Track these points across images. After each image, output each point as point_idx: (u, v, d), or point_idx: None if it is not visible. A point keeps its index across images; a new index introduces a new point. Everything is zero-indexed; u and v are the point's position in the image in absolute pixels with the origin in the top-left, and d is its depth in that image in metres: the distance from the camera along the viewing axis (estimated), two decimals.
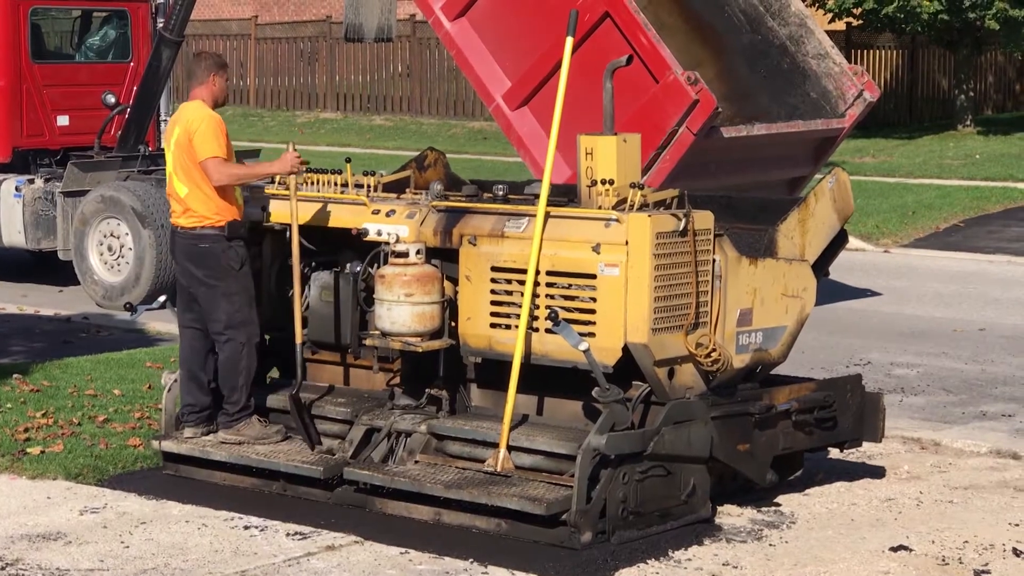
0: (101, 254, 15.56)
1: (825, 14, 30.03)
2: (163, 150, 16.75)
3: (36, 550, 7.96)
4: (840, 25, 31.79)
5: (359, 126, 34.85)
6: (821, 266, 9.16)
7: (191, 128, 9.23)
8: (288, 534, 8.23)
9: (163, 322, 13.78)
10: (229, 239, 9.23)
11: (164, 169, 16.03)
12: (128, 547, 8.02)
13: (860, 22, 30.81)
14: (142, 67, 16.57)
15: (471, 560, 7.82)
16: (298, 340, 9.25)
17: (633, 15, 13.65)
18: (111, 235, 15.48)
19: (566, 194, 8.86)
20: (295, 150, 9.22)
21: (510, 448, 8.48)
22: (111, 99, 16.74)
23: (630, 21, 13.65)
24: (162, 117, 17.39)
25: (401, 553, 7.93)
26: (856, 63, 26.55)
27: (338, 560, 7.84)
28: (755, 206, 9.47)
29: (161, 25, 16.14)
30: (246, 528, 8.34)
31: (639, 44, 13.54)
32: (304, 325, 9.31)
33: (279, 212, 9.46)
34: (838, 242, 9.20)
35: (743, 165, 14.35)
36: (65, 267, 16.14)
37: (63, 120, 16.94)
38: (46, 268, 16.92)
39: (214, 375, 9.36)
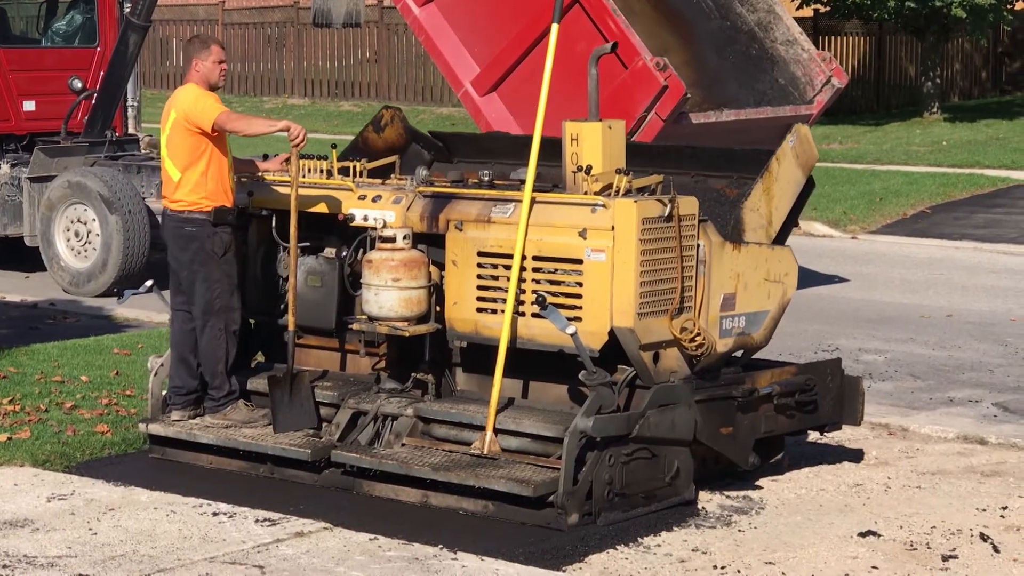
0: (68, 240, 15.48)
1: (793, 1, 30.07)
2: (130, 136, 16.91)
3: (3, 537, 7.91)
4: (808, 12, 31.86)
5: (326, 112, 34.77)
6: (791, 219, 9.18)
7: (186, 108, 9.22)
8: (257, 520, 8.21)
9: (132, 308, 13.73)
10: (215, 225, 9.23)
11: (131, 154, 16.23)
12: (96, 534, 7.99)
13: (828, 8, 30.88)
14: (109, 52, 16.50)
15: (440, 546, 7.81)
16: (291, 327, 9.25)
17: (602, 0, 13.64)
18: (78, 221, 15.41)
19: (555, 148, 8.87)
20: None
21: (497, 431, 8.52)
22: (78, 84, 16.65)
23: (599, 7, 13.66)
24: (129, 102, 17.33)
25: (370, 539, 7.92)
26: (824, 50, 26.59)
27: (307, 546, 7.82)
28: (720, 156, 9.53)
29: (128, 10, 16.08)
30: (215, 514, 8.31)
31: (608, 30, 13.55)
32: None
33: (263, 197, 9.48)
34: (805, 191, 9.23)
35: None
36: (32, 253, 16.06)
37: (29, 105, 16.84)
38: (12, 254, 16.83)
39: None
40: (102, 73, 16.47)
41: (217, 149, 9.22)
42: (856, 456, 9.78)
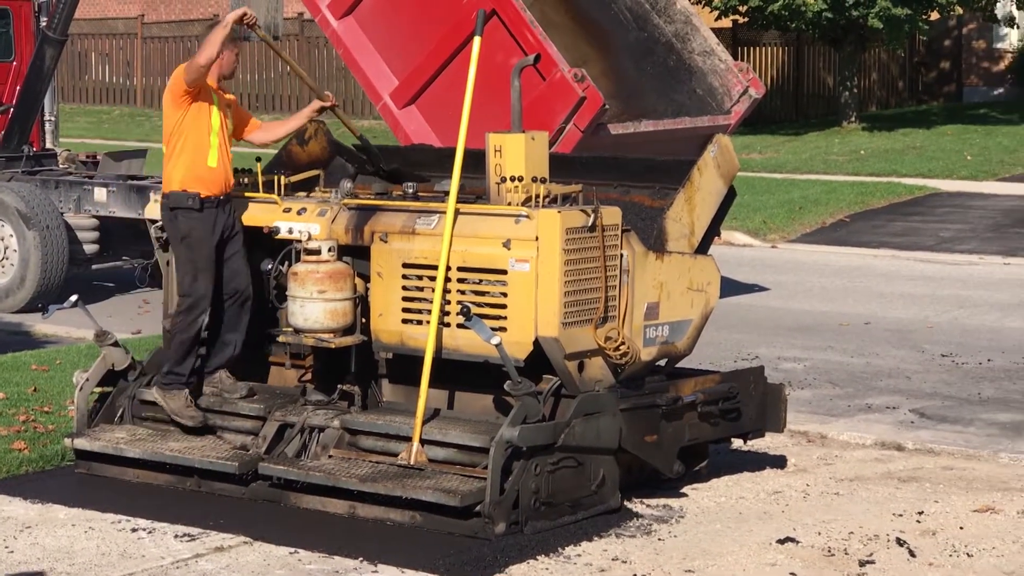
0: None
1: (711, 12, 30.27)
2: (48, 150, 16.78)
3: None
4: (726, 23, 32.06)
5: None
6: (713, 229, 9.25)
7: (170, 80, 9.30)
8: (176, 536, 8.18)
9: (51, 324, 13.62)
10: (172, 208, 9.18)
11: (48, 169, 16.11)
12: (12, 552, 7.92)
13: (746, 20, 31.08)
14: (25, 66, 16.36)
15: (361, 559, 7.80)
16: None
17: (520, 12, 13.69)
18: None
19: (476, 160, 8.90)
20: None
21: (423, 442, 8.54)
22: None
23: (517, 19, 13.69)
24: (46, 117, 17.19)
25: (290, 553, 7.90)
26: (743, 60, 26.78)
27: (227, 561, 7.79)
28: (643, 166, 9.59)
29: (44, 24, 15.95)
30: (134, 530, 8.27)
31: (526, 42, 13.59)
32: None
33: None
34: (726, 201, 9.31)
35: None
36: None
37: None
38: None
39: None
40: (18, 87, 16.33)
41: (194, 131, 9.16)
42: (775, 463, 9.84)
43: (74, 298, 9.69)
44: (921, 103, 35.66)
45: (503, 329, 8.39)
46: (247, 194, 9.44)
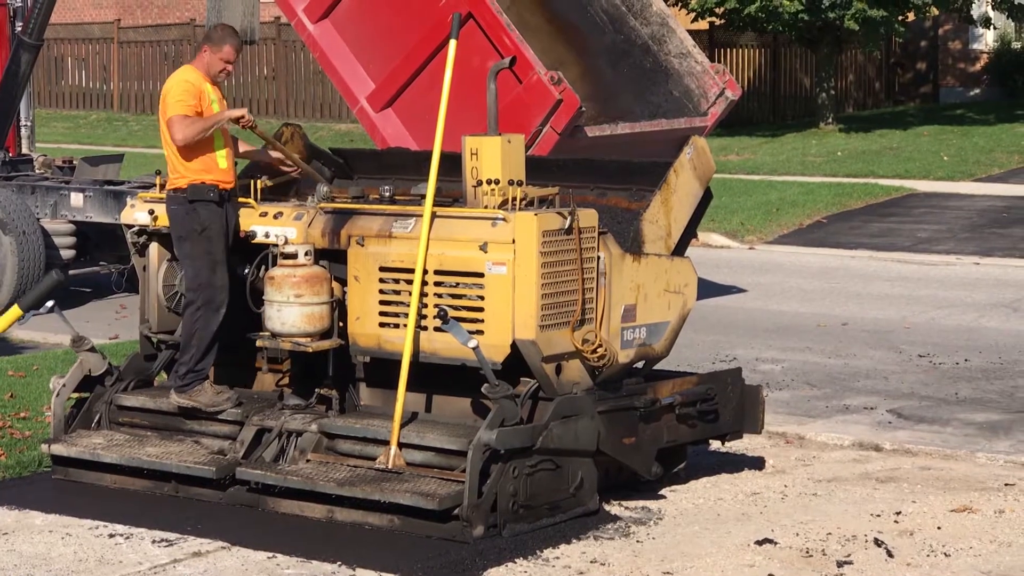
0: None
1: (688, 14, 30.31)
2: (24, 156, 16.74)
3: None
4: (703, 24, 32.10)
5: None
6: (690, 230, 9.26)
7: (166, 90, 9.16)
8: (154, 541, 8.16)
9: (28, 330, 13.58)
10: (191, 201, 9.10)
11: (25, 175, 16.07)
12: None
13: (723, 21, 31.13)
14: (0, 71, 16.30)
15: (339, 563, 7.80)
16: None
17: (496, 16, 13.69)
18: None
19: (453, 163, 8.90)
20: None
21: (401, 445, 8.54)
22: None
23: (493, 22, 13.69)
24: (22, 122, 17.14)
25: (269, 557, 7.89)
26: (720, 62, 26.78)
27: (204, 566, 7.78)
28: (619, 168, 9.60)
29: (19, 29, 15.91)
30: (111, 536, 8.25)
31: (502, 45, 13.59)
32: None
33: (165, 216, 9.42)
34: (703, 202, 9.32)
35: None
36: None
37: None
38: None
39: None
40: None
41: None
42: (753, 465, 9.86)
43: (50, 303, 9.66)
44: (898, 104, 35.74)
45: (480, 332, 8.40)
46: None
